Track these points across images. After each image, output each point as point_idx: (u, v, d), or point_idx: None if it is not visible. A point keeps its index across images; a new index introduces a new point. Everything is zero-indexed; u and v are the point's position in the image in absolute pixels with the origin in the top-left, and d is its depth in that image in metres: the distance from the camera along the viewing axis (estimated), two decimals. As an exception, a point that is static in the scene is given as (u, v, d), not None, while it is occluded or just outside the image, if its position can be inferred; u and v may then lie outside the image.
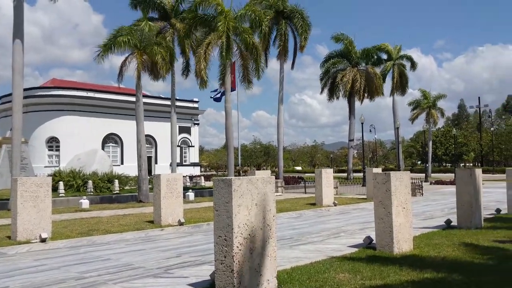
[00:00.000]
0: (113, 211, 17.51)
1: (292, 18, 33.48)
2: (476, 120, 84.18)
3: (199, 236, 11.54)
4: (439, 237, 9.88)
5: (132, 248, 9.85)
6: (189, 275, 7.07)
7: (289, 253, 8.77)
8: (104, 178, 25.96)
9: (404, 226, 8.40)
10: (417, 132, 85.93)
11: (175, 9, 28.48)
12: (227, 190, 5.62)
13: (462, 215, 11.26)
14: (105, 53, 21.22)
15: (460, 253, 8.05)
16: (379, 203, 8.40)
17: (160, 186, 13.62)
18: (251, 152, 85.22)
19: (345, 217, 15.34)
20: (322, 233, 11.58)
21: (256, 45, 25.22)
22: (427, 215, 15.09)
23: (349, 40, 43.25)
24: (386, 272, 6.70)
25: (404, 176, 8.63)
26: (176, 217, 13.65)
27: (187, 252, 9.18)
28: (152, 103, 46.41)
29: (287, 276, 6.46)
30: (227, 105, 24.93)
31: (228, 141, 25.47)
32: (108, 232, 11.91)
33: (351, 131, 44.52)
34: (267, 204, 5.93)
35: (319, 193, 19.56)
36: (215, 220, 5.75)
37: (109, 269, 7.65)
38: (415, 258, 7.71)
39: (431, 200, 21.13)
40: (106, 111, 44.41)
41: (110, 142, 45.69)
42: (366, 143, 78.12)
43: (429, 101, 51.37)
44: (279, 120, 34.40)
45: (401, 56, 46.78)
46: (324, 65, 44.52)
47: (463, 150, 72.83)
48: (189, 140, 52.64)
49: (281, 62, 34.03)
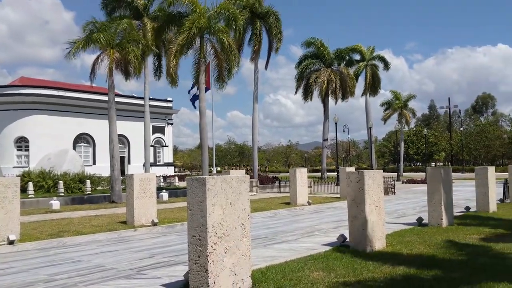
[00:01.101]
0: (85, 212, 17.17)
1: (266, 18, 33.56)
2: (446, 120, 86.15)
3: (173, 236, 11.42)
4: (411, 234, 10.03)
5: (104, 249, 9.67)
6: (163, 276, 6.98)
7: (263, 252, 8.76)
8: (76, 178, 25.45)
9: (377, 224, 8.49)
10: (389, 132, 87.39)
11: (148, 8, 28.16)
12: (201, 189, 5.56)
13: (433, 213, 11.46)
14: (76, 50, 20.77)
15: (432, 250, 8.18)
16: (352, 202, 8.47)
17: (133, 186, 13.42)
18: (226, 152, 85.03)
19: (319, 216, 15.44)
20: (297, 232, 11.62)
21: (231, 44, 25.14)
22: (400, 213, 15.32)
23: (320, 42, 43.55)
24: (360, 269, 6.76)
25: (377, 174, 8.72)
26: (150, 217, 13.47)
27: (160, 253, 9.06)
28: (125, 102, 45.74)
29: (262, 275, 6.44)
30: (202, 105, 24.76)
31: (203, 140, 25.30)
32: (80, 233, 11.66)
33: (325, 131, 44.87)
34: (242, 203, 5.90)
35: (293, 193, 19.64)
36: (188, 220, 5.68)
37: (80, 271, 7.48)
38: (388, 256, 7.80)
39: (403, 199, 21.47)
40: (78, 110, 43.52)
41: (82, 142, 44.83)
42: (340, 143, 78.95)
43: (401, 102, 52.33)
44: (253, 120, 34.41)
45: (374, 57, 47.40)
46: (299, 65, 44.75)
47: (434, 150, 74.37)
48: (163, 140, 52.12)
49: (256, 62, 34.08)
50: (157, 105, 49.73)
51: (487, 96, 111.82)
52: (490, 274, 6.28)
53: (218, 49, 25.62)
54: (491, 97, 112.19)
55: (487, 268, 6.71)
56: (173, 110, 53.88)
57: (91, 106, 43.80)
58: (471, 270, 6.63)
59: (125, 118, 43.56)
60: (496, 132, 71.68)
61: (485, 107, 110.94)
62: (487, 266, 6.81)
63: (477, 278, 6.12)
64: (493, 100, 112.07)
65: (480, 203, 14.50)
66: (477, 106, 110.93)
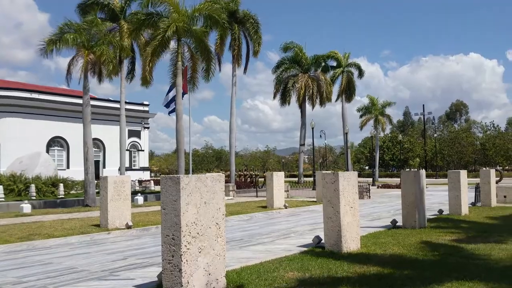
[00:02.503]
0: (57, 215, 16.79)
1: (245, 23, 33.67)
2: (421, 127, 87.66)
3: (147, 239, 11.27)
4: (385, 236, 10.14)
5: (76, 251, 9.46)
6: (136, 277, 6.86)
7: (239, 253, 8.71)
8: (48, 182, 24.93)
9: (351, 225, 8.55)
10: (365, 138, 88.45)
11: (125, 10, 27.89)
12: (175, 188, 5.50)
13: (407, 216, 11.61)
14: (50, 48, 20.37)
15: (405, 251, 8.28)
16: (327, 203, 8.51)
17: (107, 188, 13.20)
18: (203, 157, 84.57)
19: (295, 218, 15.47)
20: (273, 234, 11.61)
21: (208, 48, 25.06)
22: (374, 216, 15.47)
23: (299, 47, 43.97)
24: (334, 269, 6.78)
25: (351, 176, 8.79)
26: (124, 220, 13.27)
27: (134, 255, 8.92)
28: (101, 105, 45.11)
29: (236, 275, 6.40)
30: (178, 107, 24.55)
31: (179, 145, 25.05)
32: (51, 236, 11.39)
33: (302, 136, 45.13)
34: (217, 202, 5.85)
35: (270, 196, 19.64)
36: (162, 219, 5.61)
37: (49, 273, 7.30)
38: (362, 256, 7.85)
39: (378, 203, 21.71)
40: (51, 113, 42.63)
41: (56, 145, 43.96)
42: (317, 149, 79.57)
43: (377, 107, 53.10)
44: (231, 124, 34.37)
45: (349, 64, 48.03)
46: (276, 70, 45.02)
47: (409, 156, 75.58)
48: (139, 144, 51.54)
49: (234, 66, 34.13)
50: (133, 109, 49.15)
51: (460, 103, 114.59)
52: (461, 273, 6.37)
53: (194, 53, 25.50)
54: (463, 104, 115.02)
55: (458, 267, 6.81)
56: (149, 114, 53.37)
57: (65, 109, 43.01)
58: (443, 269, 6.72)
59: (100, 122, 42.95)
60: (468, 139, 73.32)
61: (458, 114, 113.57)
62: (458, 266, 6.92)
63: (449, 277, 6.20)
64: (466, 108, 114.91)
65: (452, 206, 14.77)
66: (450, 113, 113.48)
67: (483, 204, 17.47)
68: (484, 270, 6.58)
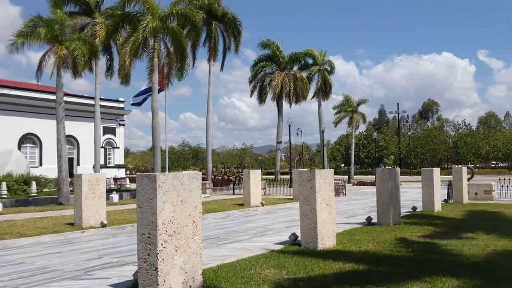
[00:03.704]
0: (30, 214, 16.44)
1: (223, 20, 33.55)
2: (395, 125, 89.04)
3: (123, 237, 11.14)
4: (360, 233, 10.27)
5: (49, 251, 9.28)
6: (111, 276, 6.78)
7: (215, 251, 8.70)
8: (20, 180, 24.37)
9: (328, 223, 8.63)
10: (341, 136, 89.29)
11: (99, 5, 27.44)
12: (151, 186, 5.45)
13: (382, 212, 11.79)
14: (21, 41, 19.85)
15: (380, 248, 8.40)
16: (304, 200, 8.56)
17: (82, 186, 12.99)
18: (180, 154, 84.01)
19: (272, 216, 15.52)
20: (249, 232, 11.62)
21: (183, 45, 24.87)
22: (350, 213, 15.66)
23: (276, 45, 44.16)
24: (311, 266, 6.83)
25: (328, 174, 8.86)
26: (99, 218, 13.08)
27: (109, 254, 8.81)
28: (75, 102, 44.32)
29: (213, 273, 6.39)
30: (154, 104, 24.31)
31: (155, 141, 24.82)
32: (23, 235, 11.14)
33: (279, 133, 45.29)
34: (193, 200, 5.82)
35: (247, 194, 19.65)
36: (138, 217, 5.55)
37: (22, 273, 7.15)
38: (338, 253, 7.94)
39: (353, 200, 21.97)
40: (23, 110, 41.69)
41: (28, 142, 43.03)
42: (293, 146, 79.87)
43: (352, 105, 53.66)
44: (208, 121, 34.22)
45: (326, 62, 48.34)
46: (254, 68, 45.05)
47: (383, 153, 76.71)
48: (114, 141, 50.87)
49: (210, 64, 33.96)
50: (108, 106, 48.47)
51: (431, 102, 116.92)
52: (435, 269, 6.51)
53: (171, 50, 25.28)
54: (435, 103, 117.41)
55: (432, 263, 6.95)
56: (124, 111, 52.73)
57: (38, 105, 42.12)
58: (417, 265, 6.85)
59: (74, 118, 42.23)
60: (441, 137, 74.86)
61: (430, 113, 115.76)
62: (431, 262, 7.06)
63: (422, 273, 6.32)
64: (437, 106, 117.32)
65: (426, 203, 15.05)
66: (423, 112, 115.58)
67: (455, 201, 17.87)
68: (456, 266, 6.74)
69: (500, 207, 15.89)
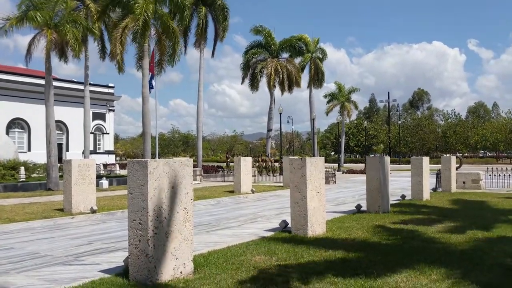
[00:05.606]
0: (18, 199, 16.34)
1: (212, 5, 33.21)
2: (385, 114, 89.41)
3: (113, 223, 11.12)
4: (350, 221, 10.36)
5: (38, 236, 9.25)
6: (101, 262, 6.78)
7: (206, 238, 8.73)
8: (8, 165, 24.10)
9: (318, 210, 8.68)
10: (331, 124, 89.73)
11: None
12: (143, 172, 5.43)
13: (371, 200, 11.89)
14: (10, 26, 19.50)
15: (369, 235, 8.48)
16: (294, 188, 8.60)
17: (71, 172, 12.91)
18: (170, 141, 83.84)
19: (262, 203, 15.58)
20: (240, 218, 11.67)
21: (175, 30, 24.64)
22: (340, 201, 15.77)
23: (268, 31, 43.81)
24: (300, 253, 6.89)
25: (318, 162, 8.90)
26: (89, 204, 13.03)
27: (99, 239, 8.80)
28: (64, 87, 43.84)
29: (204, 259, 6.42)
30: (144, 90, 24.13)
31: (145, 128, 24.69)
32: (12, 220, 11.08)
33: (270, 121, 45.22)
34: (185, 186, 5.82)
35: (237, 181, 19.68)
36: (129, 204, 5.54)
37: (11, 258, 7.12)
38: (327, 240, 8.00)
39: (343, 188, 22.11)
40: (11, 94, 41.16)
41: (16, 127, 42.59)
42: (284, 134, 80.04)
43: (344, 94, 53.73)
44: (198, 108, 34.04)
45: (318, 49, 48.17)
46: (245, 55, 44.73)
47: (373, 142, 77.11)
48: (104, 127, 50.52)
49: (201, 49, 33.68)
50: (97, 91, 48.03)
51: (421, 91, 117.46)
52: (423, 256, 6.60)
53: (162, 35, 25.04)
54: (426, 92, 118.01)
55: (420, 251, 7.04)
56: (114, 96, 52.31)
57: (26, 90, 41.61)
58: (405, 253, 6.93)
59: (63, 104, 41.77)
60: (431, 126, 75.42)
61: (421, 102, 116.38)
62: (419, 250, 7.15)
63: (411, 260, 6.40)
64: (428, 95, 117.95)
65: (415, 191, 15.20)
66: (413, 101, 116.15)
67: (444, 190, 18.07)
68: (444, 254, 6.83)
69: (487, 196, 16.10)
